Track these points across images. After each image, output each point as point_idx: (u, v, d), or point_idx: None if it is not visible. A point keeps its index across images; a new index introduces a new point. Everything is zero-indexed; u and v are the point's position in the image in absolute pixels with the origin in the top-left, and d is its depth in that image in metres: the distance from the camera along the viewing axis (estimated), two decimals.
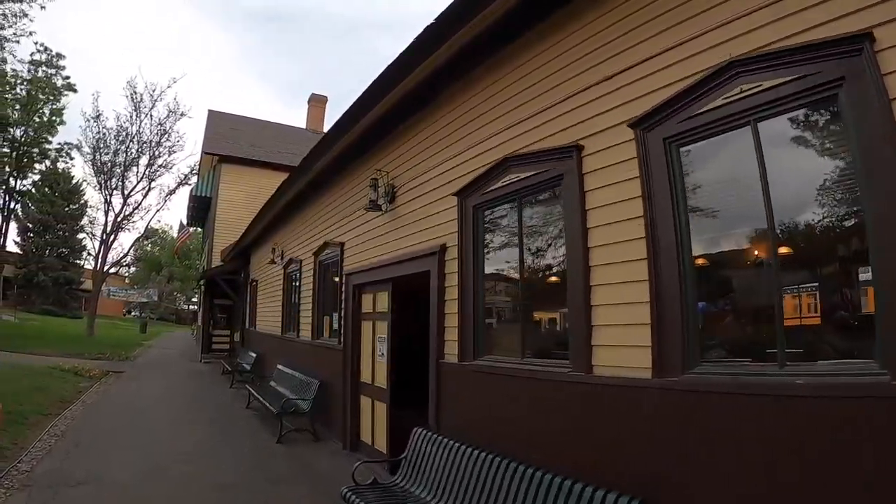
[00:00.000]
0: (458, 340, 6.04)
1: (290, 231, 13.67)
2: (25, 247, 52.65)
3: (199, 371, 20.26)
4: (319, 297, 10.96)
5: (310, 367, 10.80)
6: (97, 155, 31.82)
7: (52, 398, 11.53)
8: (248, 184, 24.94)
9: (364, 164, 8.93)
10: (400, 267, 7.54)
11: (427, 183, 7.05)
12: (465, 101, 6.42)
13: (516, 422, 5.12)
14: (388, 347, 7.93)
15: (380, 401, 8.12)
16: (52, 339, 24.73)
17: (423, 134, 7.32)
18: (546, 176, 5.10)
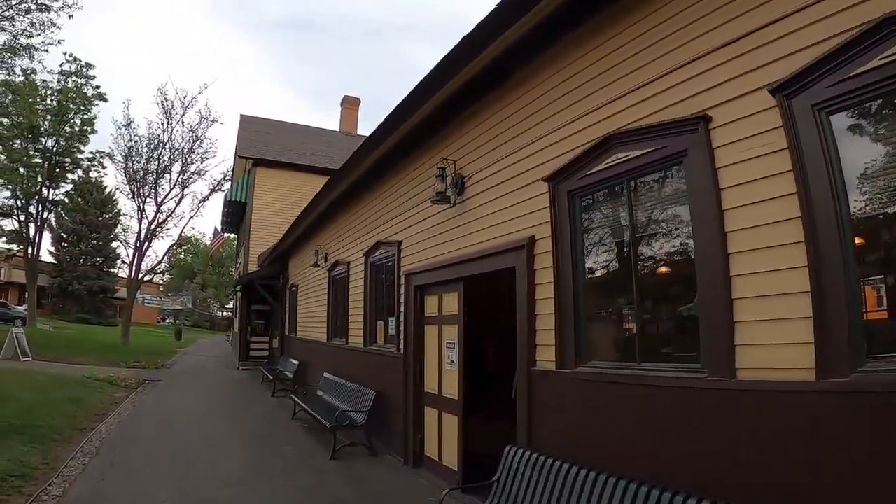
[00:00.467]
0: (556, 345, 5.23)
1: (335, 232, 12.97)
2: (60, 256, 53.08)
3: (237, 379, 19.68)
4: (371, 301, 10.22)
5: (362, 376, 10.05)
6: (129, 163, 31.51)
7: (86, 410, 10.97)
8: (283, 187, 24.52)
9: (425, 154, 8.19)
10: (473, 265, 6.77)
11: (505, 170, 6.27)
12: (552, 75, 5.63)
13: (633, 437, 4.36)
14: (460, 354, 7.14)
15: (450, 413, 7.33)
16: (86, 347, 24.35)
17: (498, 116, 6.53)
18: (662, 153, 4.37)
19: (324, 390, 11.64)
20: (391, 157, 8.91)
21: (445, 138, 7.64)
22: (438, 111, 7.21)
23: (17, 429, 8.40)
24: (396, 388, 8.52)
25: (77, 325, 43.92)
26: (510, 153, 6.21)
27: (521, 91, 6.09)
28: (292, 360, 16.17)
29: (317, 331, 14.29)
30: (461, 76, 6.34)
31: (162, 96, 31.06)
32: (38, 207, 33.63)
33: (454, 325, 7.32)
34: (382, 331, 9.65)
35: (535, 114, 5.84)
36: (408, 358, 8.25)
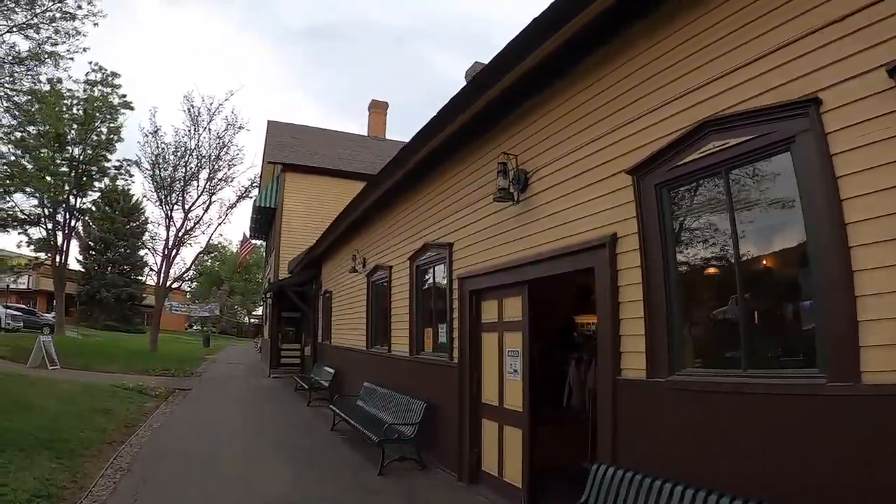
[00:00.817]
0: (646, 352, 4.70)
1: (375, 236, 12.49)
2: (87, 264, 53.47)
3: (269, 387, 19.26)
4: (418, 307, 9.71)
5: (409, 386, 9.54)
6: (156, 170, 31.40)
7: (115, 422, 10.53)
8: (312, 191, 24.25)
9: (482, 149, 7.67)
10: (540, 267, 6.25)
11: (578, 164, 5.76)
12: (637, 56, 5.09)
13: (740, 452, 3.88)
14: (524, 363, 6.61)
15: (512, 426, 6.79)
16: (115, 355, 24.06)
17: (568, 105, 6.01)
18: (766, 140, 3.90)
19: (364, 400, 11.16)
20: (441, 154, 8.42)
21: (505, 131, 7.13)
22: (499, 101, 6.69)
23: (43, 442, 7.97)
24: (449, 400, 8.01)
25: (105, 332, 44.11)
26: (583, 145, 5.71)
27: (598, 76, 5.57)
28: (327, 369, 15.73)
29: (354, 338, 13.83)
30: (528, 62, 5.83)
31: (188, 103, 31.00)
32: (65, 216, 33.62)
33: (517, 332, 6.80)
34: (431, 338, 9.15)
35: (615, 100, 5.32)
36: (463, 367, 7.73)
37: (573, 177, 5.81)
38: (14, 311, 35.04)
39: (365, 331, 12.75)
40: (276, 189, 24.47)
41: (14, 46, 21.27)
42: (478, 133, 7.59)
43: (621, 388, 4.99)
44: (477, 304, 7.69)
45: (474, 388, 7.57)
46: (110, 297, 51.61)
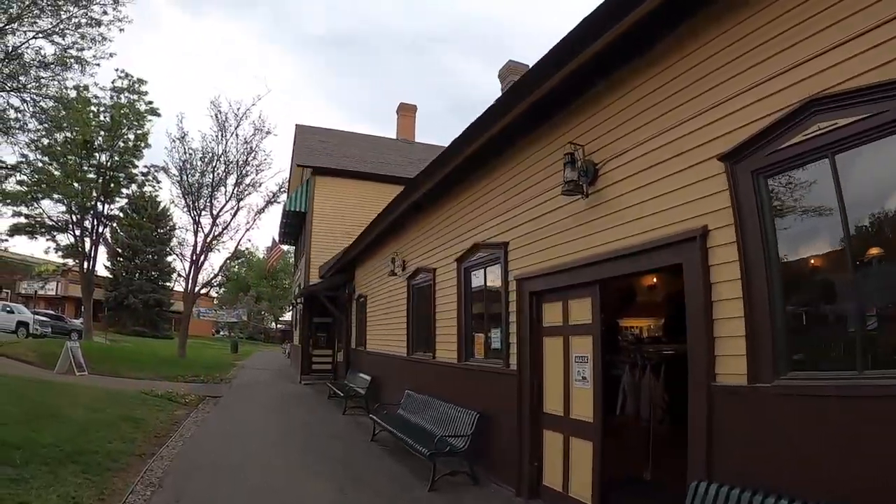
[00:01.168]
0: (747, 355, 4.19)
1: (416, 238, 12.02)
2: (115, 270, 53.90)
3: (301, 394, 18.83)
4: (466, 311, 9.22)
5: (457, 394, 9.03)
6: (184, 176, 31.31)
7: (144, 431, 10.11)
8: (343, 195, 23.90)
9: (541, 141, 7.16)
10: (613, 265, 5.75)
11: (657, 152, 5.26)
12: (726, 31, 4.59)
13: (868, 466, 3.36)
14: (595, 370, 6.09)
15: (580, 438, 6.27)
16: (143, 361, 23.86)
17: (643, 89, 5.50)
18: (882, 119, 3.41)
19: (407, 409, 10.67)
20: (493, 149, 7.94)
21: (570, 120, 6.61)
22: (564, 88, 6.18)
23: (69, 455, 7.56)
24: (505, 409, 7.50)
25: (133, 337, 44.23)
26: (664, 131, 5.19)
27: (683, 53, 5.04)
28: (363, 375, 15.27)
29: (393, 344, 13.35)
30: (598, 43, 5.33)
31: (215, 109, 30.88)
32: (93, 222, 33.58)
33: (586, 336, 6.28)
34: (482, 344, 8.65)
35: (703, 79, 4.80)
36: (522, 374, 7.22)
37: (652, 166, 5.31)
38: (42, 316, 35.09)
39: (405, 336, 12.26)
40: (306, 193, 24.11)
41: (40, 50, 21.09)
42: (538, 124, 7.09)
43: (717, 396, 4.46)
44: (537, 306, 7.18)
45: (535, 397, 7.05)
46: (138, 302, 52.01)
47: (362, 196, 23.87)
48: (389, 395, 12.79)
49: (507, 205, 7.92)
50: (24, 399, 11.21)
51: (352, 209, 23.60)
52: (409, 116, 31.96)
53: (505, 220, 7.91)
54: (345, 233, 22.75)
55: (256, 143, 31.73)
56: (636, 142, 5.55)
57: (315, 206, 23.52)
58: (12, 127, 23.28)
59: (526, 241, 7.35)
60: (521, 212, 7.51)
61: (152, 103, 32.96)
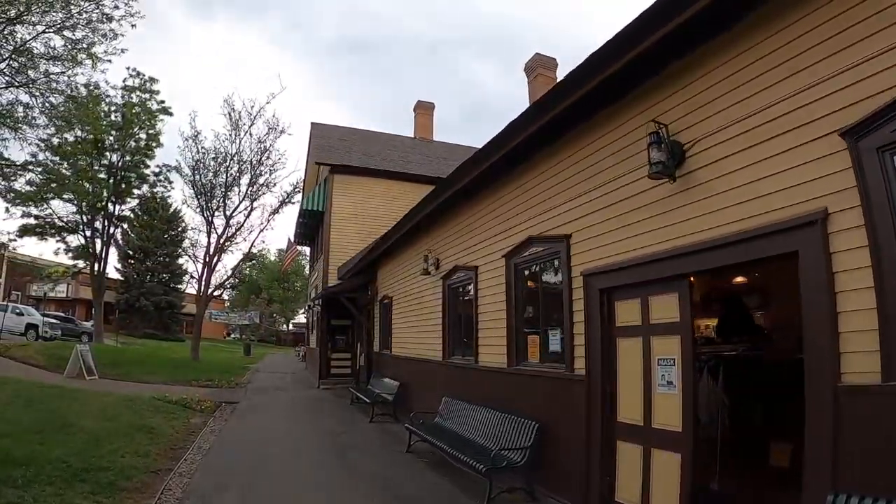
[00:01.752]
0: (881, 351, 3.58)
1: (453, 234, 11.21)
2: (127, 273, 53.43)
3: (322, 400, 18.06)
4: (518, 311, 8.47)
5: (507, 402, 8.26)
6: (196, 176, 30.75)
7: (160, 443, 9.43)
8: (362, 194, 23.27)
9: (615, 120, 6.38)
10: (706, 257, 5.05)
11: (761, 129, 4.60)
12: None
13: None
14: (684, 374, 5.35)
15: (665, 449, 5.51)
16: (155, 364, 23.35)
17: (744, 58, 4.79)
18: None
19: (447, 418, 9.90)
20: (551, 133, 7.17)
21: (651, 96, 5.86)
22: (647, 59, 5.44)
23: (77, 473, 6.90)
24: (570, 419, 6.75)
25: (144, 340, 43.79)
26: (766, 106, 4.55)
27: (788, 21, 4.37)
28: (389, 381, 14.53)
29: (425, 347, 12.59)
30: (691, 10, 4.62)
31: (229, 107, 30.30)
32: (103, 223, 33.02)
33: (672, 337, 5.52)
34: (537, 347, 7.88)
35: (816, 49, 4.16)
36: (591, 380, 6.45)
37: (754, 145, 4.64)
38: (52, 318, 34.49)
39: (441, 339, 11.50)
40: (324, 192, 23.40)
41: (49, 41, 20.46)
42: (610, 103, 6.34)
43: (843, 397, 3.80)
44: (609, 304, 6.41)
45: (607, 405, 6.27)
46: (149, 305, 51.51)
47: (382, 195, 23.31)
48: (420, 401, 12.04)
49: (568, 193, 7.15)
50: (32, 406, 10.59)
51: (372, 208, 23.00)
52: (427, 115, 31.17)
53: (567, 211, 7.15)
54: (364, 233, 22.15)
55: (270, 143, 31.23)
56: (732, 119, 4.87)
57: (333, 205, 22.80)
58: (20, 123, 22.65)
59: (593, 233, 6.61)
60: (587, 200, 6.75)
61: (164, 102, 32.56)
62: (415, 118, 31.05)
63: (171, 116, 32.86)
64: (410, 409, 12.63)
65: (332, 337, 23.01)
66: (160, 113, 32.57)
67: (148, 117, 32.04)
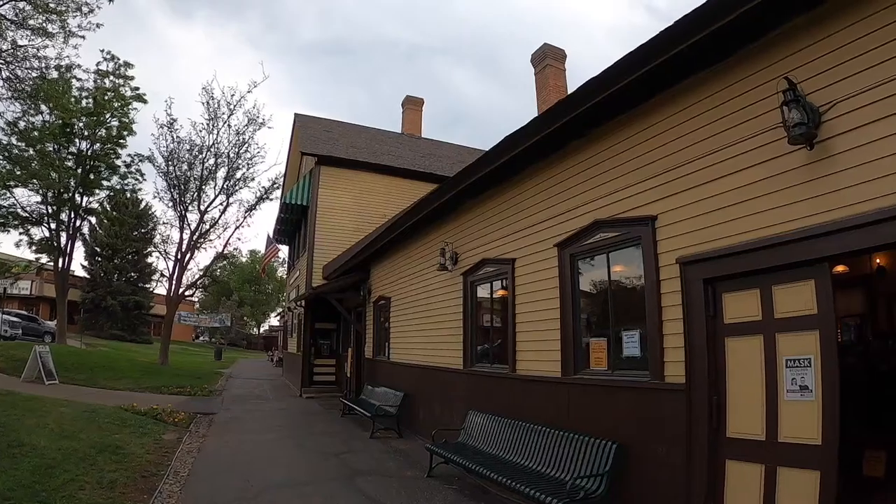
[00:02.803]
0: None
1: (478, 223, 9.92)
2: (93, 271, 51.37)
3: (309, 411, 16.52)
4: (574, 310, 7.23)
5: (572, 419, 6.98)
6: (170, 167, 29.16)
7: (128, 468, 7.76)
8: (352, 188, 22.05)
9: (731, 74, 5.23)
10: (854, 236, 4.10)
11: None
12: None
13: None
14: (824, 375, 4.34)
15: (797, 467, 4.44)
16: (122, 368, 21.76)
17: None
18: None
19: (475, 436, 8.61)
20: (645, 90, 5.96)
21: (776, 49, 4.80)
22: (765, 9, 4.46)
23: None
24: (660, 436, 5.62)
25: (110, 342, 41.70)
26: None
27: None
28: (387, 391, 13.22)
29: (437, 354, 11.27)
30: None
31: (207, 95, 28.81)
32: (69, 215, 30.91)
33: (806, 333, 4.48)
34: (605, 351, 6.66)
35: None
36: (693, 389, 5.29)
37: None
38: (13, 317, 32.40)
39: (461, 345, 10.18)
40: (309, 185, 21.95)
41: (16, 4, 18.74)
42: (724, 56, 5.21)
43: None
44: (714, 296, 5.26)
45: (713, 418, 5.09)
46: (116, 305, 49.30)
47: (372, 190, 22.19)
48: (430, 415, 10.83)
49: (655, 167, 5.99)
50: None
51: (361, 204, 21.84)
52: (416, 110, 29.88)
53: (653, 188, 5.97)
54: (352, 229, 21.05)
55: (249, 135, 29.83)
56: (878, 79, 3.97)
57: (320, 199, 21.40)
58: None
59: (691, 213, 5.49)
60: (682, 174, 5.62)
61: (139, 89, 30.55)
62: (403, 114, 29.79)
63: (145, 104, 30.86)
64: (417, 423, 11.36)
65: (316, 341, 21.54)
66: (134, 100, 30.53)
67: (121, 104, 30.04)
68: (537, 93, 17.78)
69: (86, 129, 29.14)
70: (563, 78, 17.80)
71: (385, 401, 12.92)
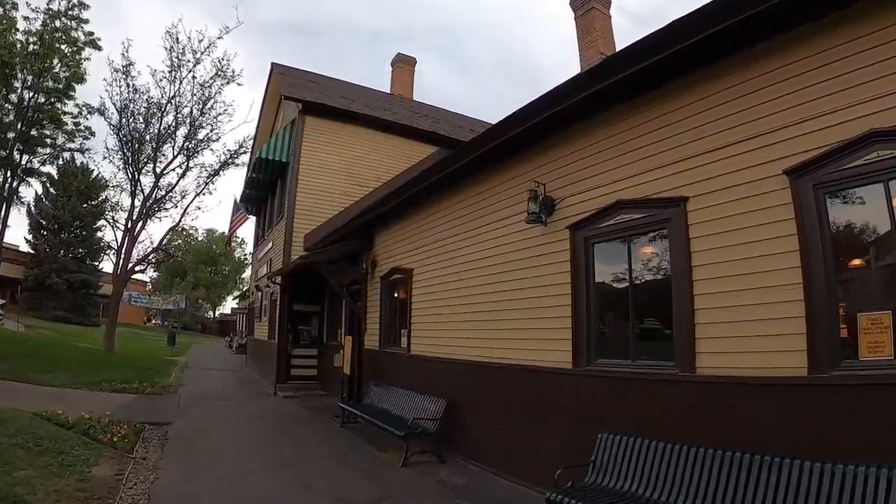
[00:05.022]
0: None
1: (599, 151, 6.41)
2: (38, 246, 46.59)
3: (294, 417, 12.44)
4: (826, 271, 4.09)
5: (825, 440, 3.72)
6: (124, 120, 24.93)
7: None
8: (342, 144, 18.21)
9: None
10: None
11: None
12: None
13: None
14: None
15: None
16: (59, 357, 17.84)
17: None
18: None
19: (619, 473, 5.08)
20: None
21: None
22: None
23: None
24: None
25: (54, 324, 37.11)
26: None
27: None
28: (419, 396, 9.33)
29: (509, 346, 7.55)
30: None
31: (172, 40, 24.65)
32: (5, 175, 26.31)
33: None
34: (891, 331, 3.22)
35: None
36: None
37: None
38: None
39: (569, 332, 6.47)
40: (291, 138, 18.00)
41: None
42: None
43: None
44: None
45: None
46: (62, 283, 44.33)
47: (366, 148, 18.52)
48: (493, 433, 7.37)
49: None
50: None
51: (352, 164, 18.08)
52: (408, 70, 25.75)
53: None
54: (342, 193, 17.44)
55: (216, 90, 25.75)
56: None
57: (303, 155, 17.46)
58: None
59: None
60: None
61: (93, 34, 26.05)
62: (392, 73, 25.67)
63: (99, 51, 26.30)
64: (465, 442, 7.78)
65: (295, 328, 17.56)
66: (87, 46, 26.04)
67: (72, 50, 25.48)
68: (579, 39, 14.56)
69: (29, 76, 24.58)
70: (609, 23, 14.63)
71: (417, 410, 9.06)
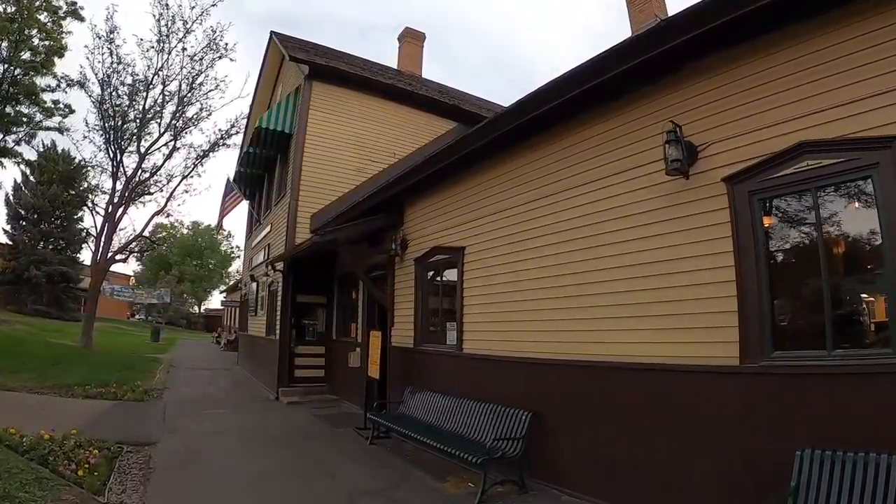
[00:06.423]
0: None
1: (778, 78, 4.51)
2: (16, 237, 44.27)
3: (307, 432, 9.92)
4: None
5: None
6: (106, 93, 22.76)
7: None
8: (352, 115, 16.03)
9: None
10: None
11: None
12: None
13: None
14: None
15: None
16: (29, 354, 15.90)
17: None
18: None
19: None
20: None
21: None
22: None
23: None
24: None
25: (32, 318, 34.89)
26: None
27: None
28: (487, 406, 7.18)
29: (628, 339, 5.54)
30: None
31: (161, 6, 22.60)
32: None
33: None
34: None
35: None
36: None
37: None
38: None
39: (735, 318, 4.47)
40: (295, 107, 15.81)
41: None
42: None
43: None
44: None
45: None
46: (41, 276, 41.90)
47: (379, 120, 16.46)
48: (597, 452, 5.45)
49: None
50: None
51: (363, 137, 15.98)
52: (416, 45, 23.29)
53: None
54: (351, 168, 15.41)
55: (208, 64, 23.70)
56: None
57: (310, 124, 15.25)
58: None
59: None
60: None
61: (75, 4, 23.75)
62: (399, 48, 23.29)
63: (81, 21, 24.05)
64: (556, 466, 5.73)
65: (299, 322, 15.32)
66: (68, 16, 23.76)
67: (52, 19, 23.21)
68: None
69: (3, 42, 22.28)
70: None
71: (480, 425, 6.98)
